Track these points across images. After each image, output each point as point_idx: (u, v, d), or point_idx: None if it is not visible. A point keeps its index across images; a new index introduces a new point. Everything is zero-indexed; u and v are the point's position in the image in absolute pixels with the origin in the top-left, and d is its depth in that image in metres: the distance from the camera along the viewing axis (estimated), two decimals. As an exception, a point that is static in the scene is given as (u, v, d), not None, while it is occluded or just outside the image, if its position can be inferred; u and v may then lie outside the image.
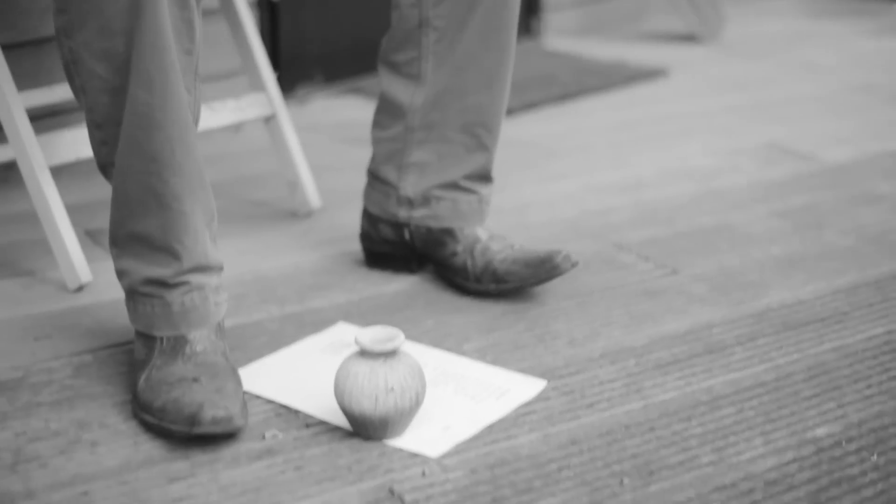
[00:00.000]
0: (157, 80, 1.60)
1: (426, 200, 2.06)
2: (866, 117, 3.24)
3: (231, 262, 2.10)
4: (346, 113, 3.13)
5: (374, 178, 2.10)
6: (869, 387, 1.78)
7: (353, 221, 2.31)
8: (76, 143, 2.10)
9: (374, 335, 1.60)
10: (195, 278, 1.70)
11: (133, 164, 1.64)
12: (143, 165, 1.64)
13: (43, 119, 2.36)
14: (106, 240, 2.22)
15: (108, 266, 2.09)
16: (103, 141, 1.68)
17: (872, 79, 3.65)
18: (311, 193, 2.40)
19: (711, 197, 2.57)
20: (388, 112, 2.06)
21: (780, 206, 2.53)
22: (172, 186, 1.65)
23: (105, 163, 1.70)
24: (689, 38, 4.11)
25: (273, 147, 2.42)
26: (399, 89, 2.03)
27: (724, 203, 2.54)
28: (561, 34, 4.00)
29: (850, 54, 3.97)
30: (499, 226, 2.28)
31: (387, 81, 2.04)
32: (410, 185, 2.06)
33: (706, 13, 4.11)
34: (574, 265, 1.98)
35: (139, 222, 1.67)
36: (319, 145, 2.79)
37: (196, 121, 1.70)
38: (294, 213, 2.41)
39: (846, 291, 2.12)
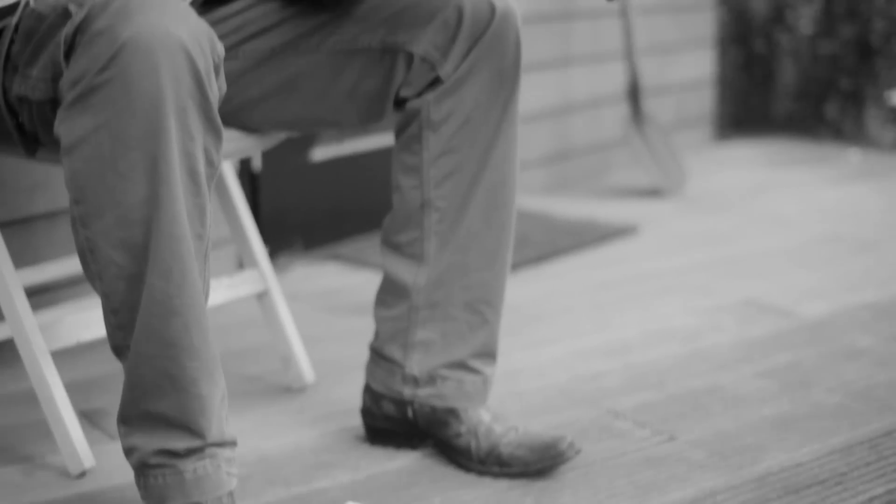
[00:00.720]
0: (175, 269, 1.62)
1: (432, 380, 2.08)
2: (837, 269, 3.30)
3: (232, 441, 2.10)
4: (327, 281, 3.16)
5: (379, 356, 2.11)
6: (877, 552, 1.80)
7: (348, 395, 2.32)
8: (76, 326, 2.10)
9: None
10: (209, 450, 1.71)
11: (150, 350, 1.66)
12: (159, 350, 1.66)
13: (32, 297, 2.36)
14: (104, 421, 2.23)
15: (108, 449, 2.09)
16: (119, 326, 1.69)
17: (838, 229, 3.72)
18: (305, 368, 2.41)
19: (697, 358, 2.61)
20: (391, 292, 2.08)
21: (766, 365, 2.56)
22: (189, 371, 1.66)
23: (120, 345, 1.71)
24: (653, 192, 4.18)
25: (265, 321, 2.44)
26: (403, 270, 2.06)
27: (711, 364, 2.57)
28: (529, 193, 4.06)
29: (814, 204, 4.05)
30: (491, 395, 2.29)
31: (390, 262, 2.07)
32: (416, 364, 2.08)
33: (669, 167, 4.19)
34: (577, 452, 2.02)
35: (155, 403, 1.68)
36: (302, 315, 2.80)
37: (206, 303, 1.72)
38: (288, 388, 2.42)
39: (841, 452, 2.14)
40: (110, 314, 1.69)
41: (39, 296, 2.48)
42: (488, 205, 2.01)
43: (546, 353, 2.65)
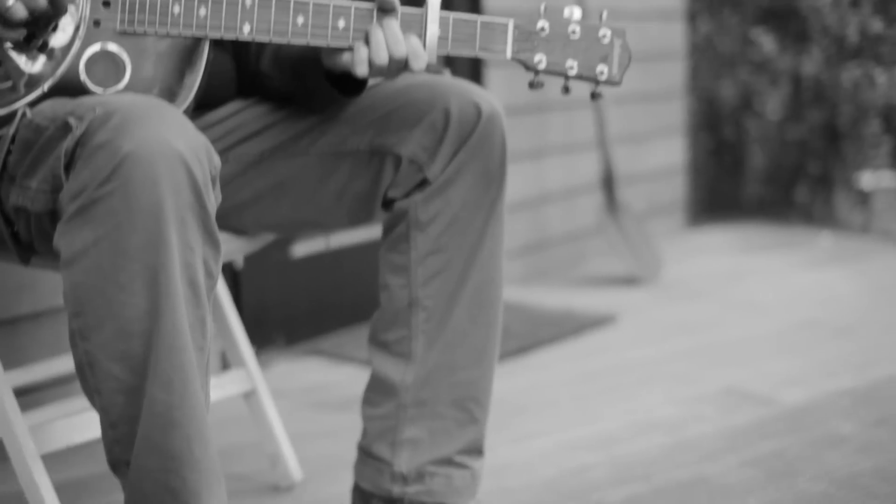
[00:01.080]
0: (176, 380, 1.62)
1: (420, 477, 2.08)
2: (814, 355, 3.33)
3: (223, 543, 2.09)
4: (309, 377, 3.16)
5: (367, 454, 2.12)
6: None
7: (336, 493, 2.32)
8: (67, 430, 2.10)
9: None
10: (207, 567, 1.71)
11: (150, 463, 1.65)
12: (160, 464, 1.65)
13: (18, 398, 2.35)
14: (92, 524, 2.23)
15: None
16: (117, 440, 1.68)
17: (813, 314, 3.75)
18: (293, 466, 2.42)
19: (681, 449, 2.62)
20: (379, 390, 2.09)
21: (749, 454, 2.58)
22: (190, 484, 1.66)
23: (117, 460, 1.70)
24: (629, 280, 4.21)
25: (251, 420, 2.44)
26: (390, 368, 2.07)
27: (695, 455, 2.58)
28: (507, 283, 4.05)
29: (788, 290, 4.09)
30: (480, 490, 2.29)
31: (377, 361, 2.08)
32: (405, 462, 2.08)
33: (644, 255, 4.23)
34: None
35: (156, 520, 1.68)
36: (287, 412, 2.80)
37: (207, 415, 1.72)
38: (276, 487, 2.42)
39: (829, 542, 2.16)
40: (108, 428, 1.68)
41: (25, 396, 2.47)
42: (475, 303, 2.04)
43: (532, 446, 2.66)
